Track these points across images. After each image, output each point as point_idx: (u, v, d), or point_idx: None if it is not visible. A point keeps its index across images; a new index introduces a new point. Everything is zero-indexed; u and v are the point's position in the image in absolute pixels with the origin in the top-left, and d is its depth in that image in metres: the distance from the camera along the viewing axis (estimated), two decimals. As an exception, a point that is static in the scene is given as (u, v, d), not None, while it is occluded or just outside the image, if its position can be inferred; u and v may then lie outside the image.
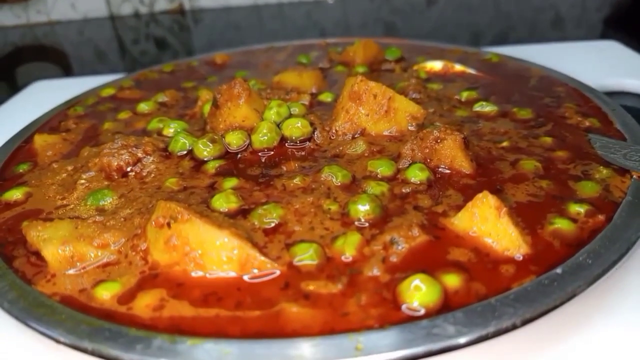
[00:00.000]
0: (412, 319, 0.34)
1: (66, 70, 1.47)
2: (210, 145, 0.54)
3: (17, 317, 0.37)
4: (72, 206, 0.49)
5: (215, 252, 0.39)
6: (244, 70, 0.80)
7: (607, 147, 0.52)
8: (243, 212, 0.45)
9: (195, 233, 0.40)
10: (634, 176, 0.47)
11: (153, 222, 0.41)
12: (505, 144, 0.54)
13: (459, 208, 0.43)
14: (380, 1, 1.66)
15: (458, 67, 0.75)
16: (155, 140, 0.56)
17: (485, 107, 0.61)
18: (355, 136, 0.56)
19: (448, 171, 0.49)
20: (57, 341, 0.35)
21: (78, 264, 0.41)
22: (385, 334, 0.33)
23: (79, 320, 0.36)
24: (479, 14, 1.52)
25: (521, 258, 0.38)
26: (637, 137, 0.53)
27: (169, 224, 0.41)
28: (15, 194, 0.51)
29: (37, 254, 0.42)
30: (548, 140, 0.54)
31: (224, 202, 0.45)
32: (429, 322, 0.33)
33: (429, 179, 0.48)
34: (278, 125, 0.56)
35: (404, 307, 0.35)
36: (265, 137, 0.54)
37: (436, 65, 0.75)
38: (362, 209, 0.43)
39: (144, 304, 0.37)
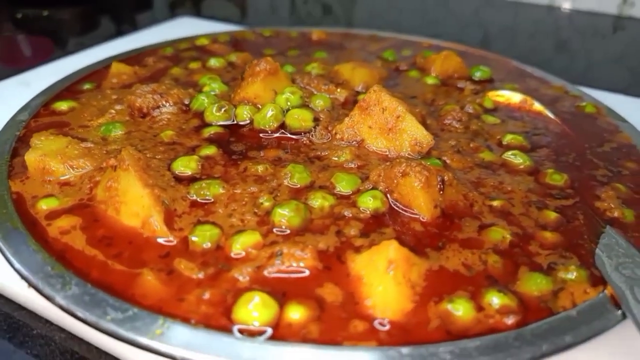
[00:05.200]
0: (224, 330, 0.34)
1: (242, 14, 1.62)
2: (220, 112, 0.57)
3: (-20, 198, 0.46)
4: (90, 128, 0.57)
5: (130, 204, 0.43)
6: (327, 52, 0.80)
7: (612, 248, 0.42)
8: (192, 180, 0.48)
9: (125, 182, 0.44)
10: (606, 292, 0.38)
11: (105, 162, 0.47)
12: (496, 203, 0.47)
13: (377, 249, 0.40)
14: (562, 15, 1.47)
15: (537, 106, 0.65)
16: (182, 93, 0.61)
17: (517, 158, 0.54)
18: (352, 144, 0.54)
19: (404, 210, 0.45)
20: (-15, 226, 0.43)
21: (47, 175, 0.48)
22: (190, 332, 0.34)
23: (9, 217, 0.43)
24: (675, 55, 1.26)
25: (385, 323, 0.35)
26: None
27: (115, 167, 0.46)
28: (62, 105, 0.61)
29: (31, 157, 0.51)
30: (551, 216, 0.46)
31: (181, 165, 0.49)
32: (234, 337, 0.33)
33: (377, 210, 0.45)
34: (285, 111, 0.57)
35: (232, 316, 0.35)
36: (264, 119, 0.55)
37: (514, 97, 0.67)
38: (281, 214, 0.43)
39: (58, 225, 0.43)
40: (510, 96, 0.67)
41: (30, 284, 0.38)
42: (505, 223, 0.45)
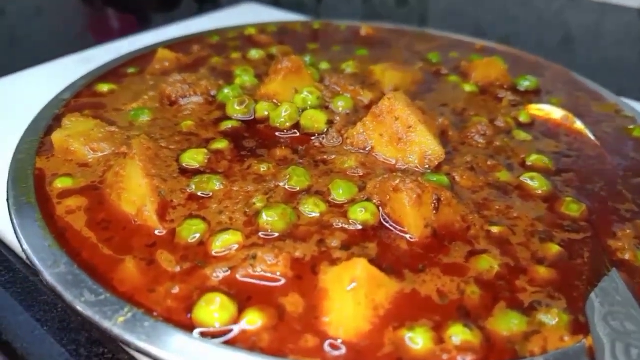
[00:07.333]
0: (182, 326, 0.35)
1: (318, 2, 1.62)
2: (241, 106, 0.59)
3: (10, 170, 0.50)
4: (122, 112, 0.60)
5: (130, 191, 0.45)
6: (370, 49, 0.79)
7: (608, 294, 0.39)
8: (197, 173, 0.50)
9: (129, 170, 0.46)
10: (585, 342, 0.35)
11: (118, 149, 0.50)
12: (495, 229, 0.45)
13: (354, 263, 0.40)
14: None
15: (578, 125, 0.61)
16: (211, 84, 0.63)
17: (534, 182, 0.50)
18: (361, 151, 0.53)
19: (393, 226, 0.44)
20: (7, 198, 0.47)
21: (69, 155, 0.52)
22: (149, 324, 0.35)
23: (27, 191, 0.47)
24: None
25: (338, 343, 0.35)
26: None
27: (125, 155, 0.48)
28: (104, 87, 0.65)
29: (61, 136, 0.55)
30: (554, 249, 0.43)
31: (188, 157, 0.51)
32: (185, 335, 0.35)
33: (366, 222, 0.44)
34: (302, 111, 0.57)
35: (192, 314, 0.36)
36: (278, 118, 0.56)
37: (555, 113, 0.62)
38: (265, 217, 0.44)
39: (67, 204, 0.46)
40: (550, 111, 0.63)
41: (28, 258, 0.41)
42: (498, 252, 0.43)
